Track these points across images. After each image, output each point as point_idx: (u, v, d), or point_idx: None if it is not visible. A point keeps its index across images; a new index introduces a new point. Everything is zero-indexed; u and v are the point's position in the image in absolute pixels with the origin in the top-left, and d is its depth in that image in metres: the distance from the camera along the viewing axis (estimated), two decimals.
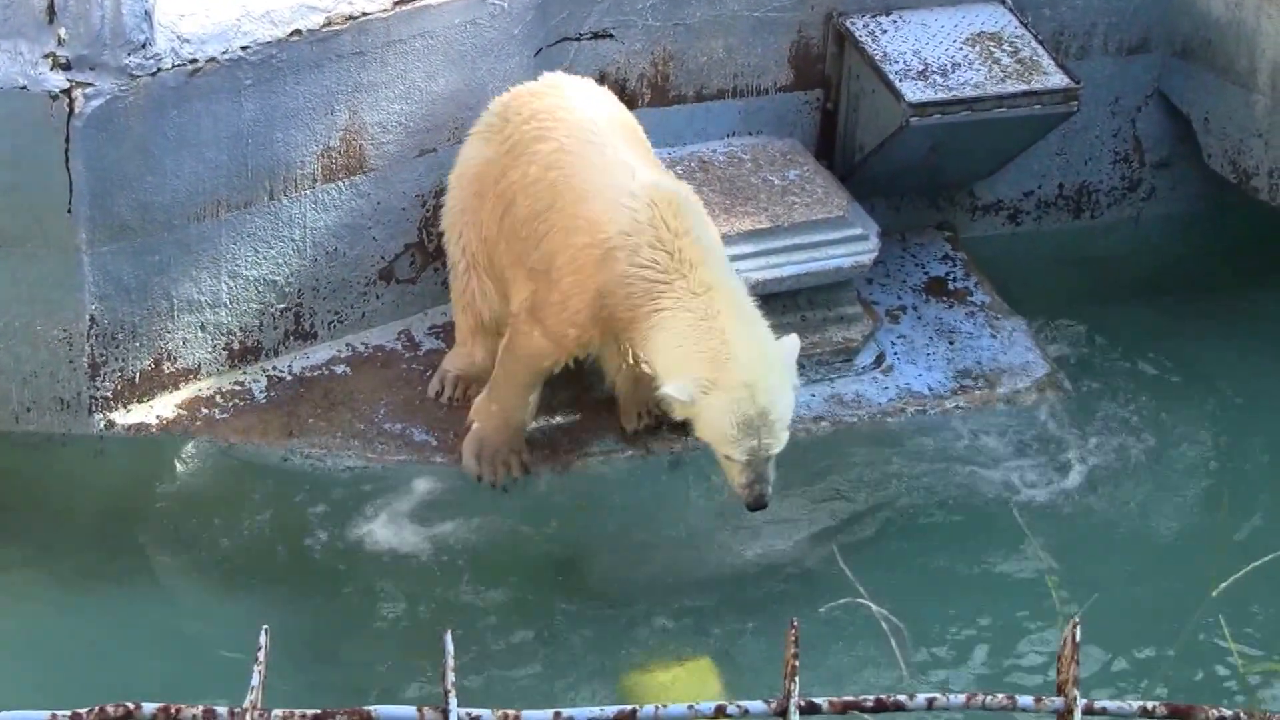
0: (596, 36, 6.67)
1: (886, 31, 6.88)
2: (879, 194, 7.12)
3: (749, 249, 6.42)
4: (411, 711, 2.74)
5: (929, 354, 6.78)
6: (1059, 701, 2.96)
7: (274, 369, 6.40)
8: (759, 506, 5.60)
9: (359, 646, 5.63)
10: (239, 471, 6.11)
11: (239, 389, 6.32)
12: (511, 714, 2.81)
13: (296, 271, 6.33)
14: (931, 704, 2.94)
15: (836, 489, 6.25)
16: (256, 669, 2.77)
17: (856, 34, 6.86)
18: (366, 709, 2.75)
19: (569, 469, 6.17)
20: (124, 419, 6.16)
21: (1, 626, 5.59)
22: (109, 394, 6.12)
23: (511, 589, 5.83)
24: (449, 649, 2.77)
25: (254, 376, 6.36)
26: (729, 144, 6.89)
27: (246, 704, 2.73)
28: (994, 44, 6.87)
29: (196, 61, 5.86)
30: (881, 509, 6.19)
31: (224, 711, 2.72)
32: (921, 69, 6.74)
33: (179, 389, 6.25)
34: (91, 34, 5.69)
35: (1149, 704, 2.92)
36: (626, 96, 6.71)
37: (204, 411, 6.23)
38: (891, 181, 7.11)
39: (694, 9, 6.76)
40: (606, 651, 5.63)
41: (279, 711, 2.76)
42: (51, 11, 5.68)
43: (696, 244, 5.63)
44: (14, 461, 6.09)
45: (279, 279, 6.31)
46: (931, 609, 5.82)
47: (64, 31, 5.69)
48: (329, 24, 6.08)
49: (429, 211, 6.45)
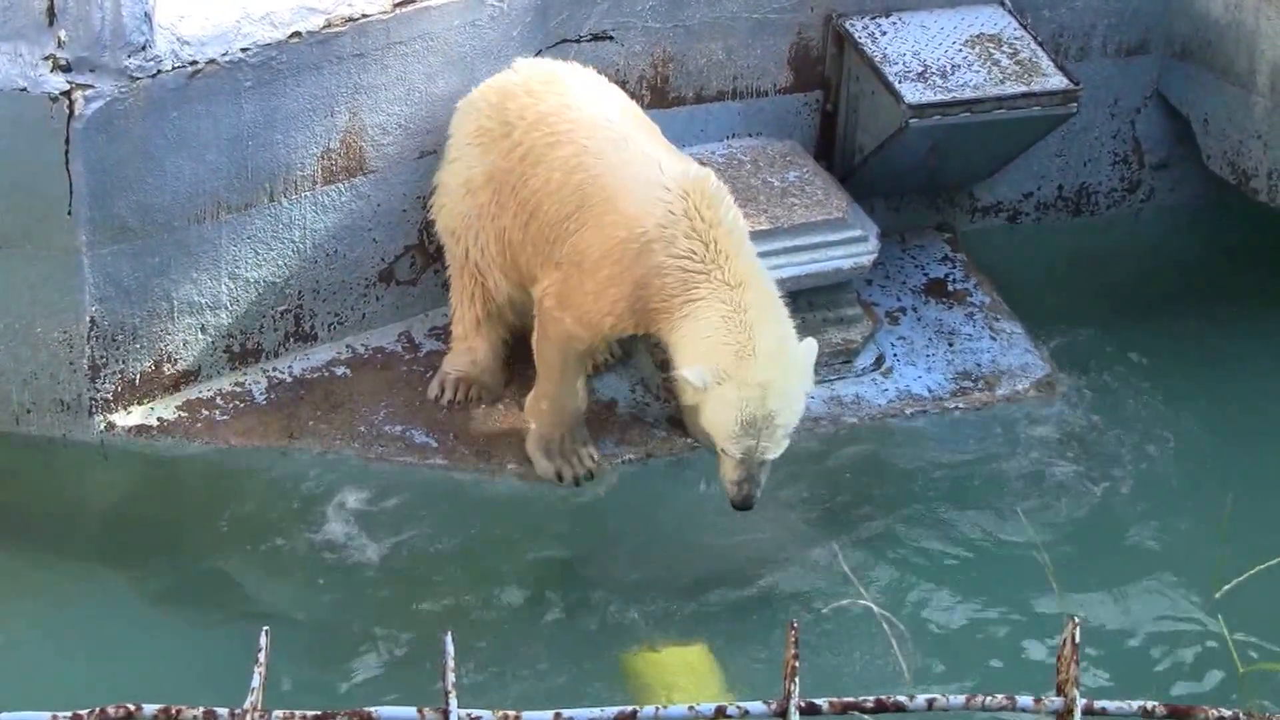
0: (596, 38, 6.67)
1: (886, 33, 6.88)
2: (878, 195, 7.12)
3: None
4: (412, 712, 2.74)
5: (929, 355, 6.78)
6: (1059, 701, 2.96)
7: (274, 371, 6.41)
8: (745, 506, 5.62)
9: (360, 647, 5.63)
10: (239, 473, 6.11)
11: (239, 391, 6.32)
12: (512, 715, 2.81)
13: (296, 273, 6.34)
14: (931, 705, 2.94)
15: (837, 490, 6.25)
16: (257, 670, 2.77)
17: (856, 35, 6.86)
18: (367, 710, 2.75)
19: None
20: (124, 421, 6.16)
21: (2, 628, 5.58)
22: (109, 396, 6.12)
23: (512, 590, 5.83)
24: (449, 649, 2.77)
25: (254, 378, 6.37)
26: (729, 146, 6.89)
27: (247, 705, 2.73)
28: (993, 45, 6.88)
29: (196, 63, 5.87)
30: (882, 510, 6.19)
31: (224, 713, 2.72)
32: (921, 70, 6.74)
33: (179, 391, 6.26)
34: (91, 36, 5.70)
35: (1149, 704, 2.93)
36: None
37: (204, 413, 6.24)
38: (891, 183, 7.11)
39: (694, 11, 6.76)
40: (607, 652, 5.63)
41: (279, 712, 2.76)
42: (51, 14, 5.68)
43: (730, 234, 5.68)
44: (14, 463, 6.09)
45: (279, 281, 6.31)
46: (932, 609, 5.82)
47: (64, 33, 5.69)
48: (329, 26, 6.08)
49: (429, 213, 6.45)
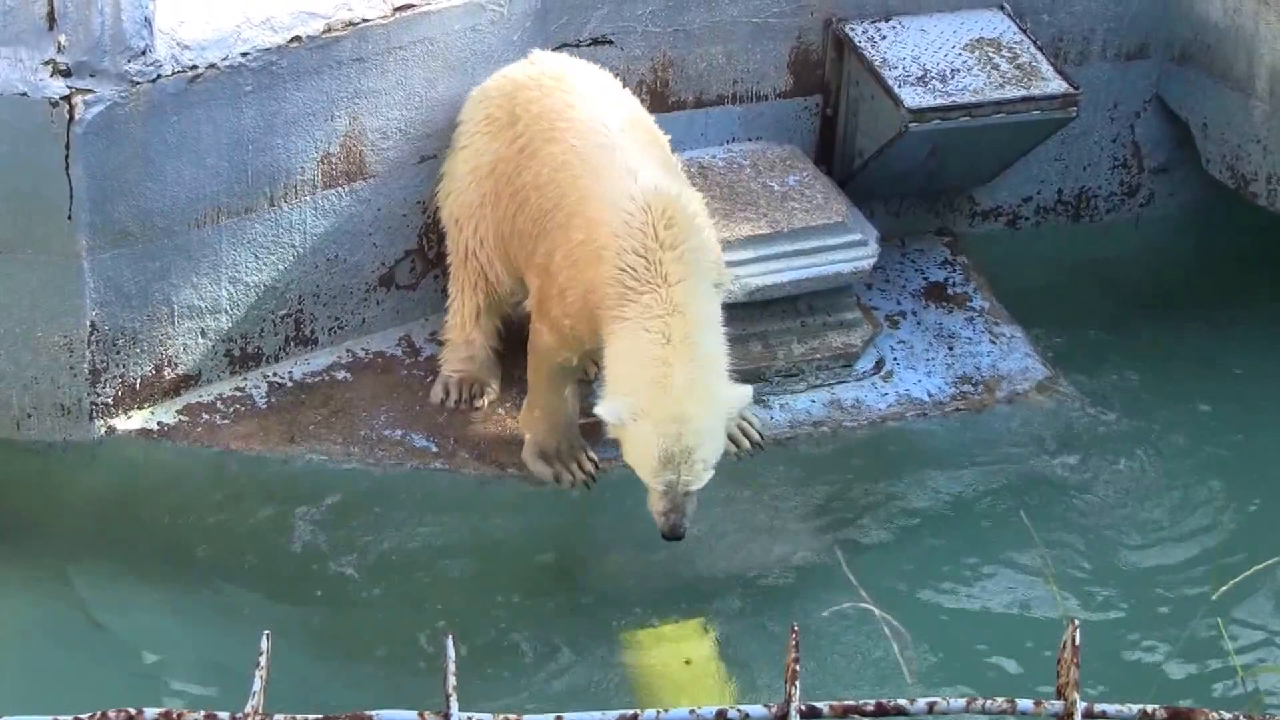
0: (596, 43, 6.68)
1: (886, 37, 6.89)
2: (878, 199, 7.12)
3: (749, 254, 6.43)
4: (413, 715, 2.74)
5: (928, 359, 6.79)
6: (1059, 705, 2.96)
7: (274, 375, 6.41)
8: (674, 537, 5.58)
9: (361, 651, 5.63)
10: (239, 477, 6.11)
11: (240, 395, 6.32)
12: (512, 718, 2.82)
13: (297, 277, 6.34)
14: (932, 708, 2.94)
15: (837, 494, 6.25)
16: (258, 674, 2.77)
17: (856, 40, 6.86)
18: (368, 713, 2.75)
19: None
20: (125, 425, 6.16)
21: (2, 632, 5.59)
22: (110, 400, 6.12)
23: (512, 592, 5.83)
24: (450, 652, 2.77)
25: (255, 382, 6.37)
26: (728, 150, 6.90)
27: (248, 709, 2.73)
28: (993, 50, 6.88)
29: (197, 68, 5.87)
30: (882, 514, 6.19)
31: (225, 716, 2.72)
32: (921, 75, 6.74)
33: (179, 395, 6.26)
34: (92, 41, 5.70)
35: (1149, 707, 2.92)
36: None
37: (204, 417, 6.24)
38: (891, 187, 7.11)
39: (694, 15, 6.76)
40: (608, 655, 5.63)
41: (280, 716, 2.76)
42: (52, 18, 5.68)
43: (679, 260, 5.58)
44: (15, 468, 6.09)
45: (279, 285, 6.31)
46: (932, 612, 5.82)
47: (64, 38, 5.69)
48: (329, 30, 6.08)
49: (429, 218, 6.45)
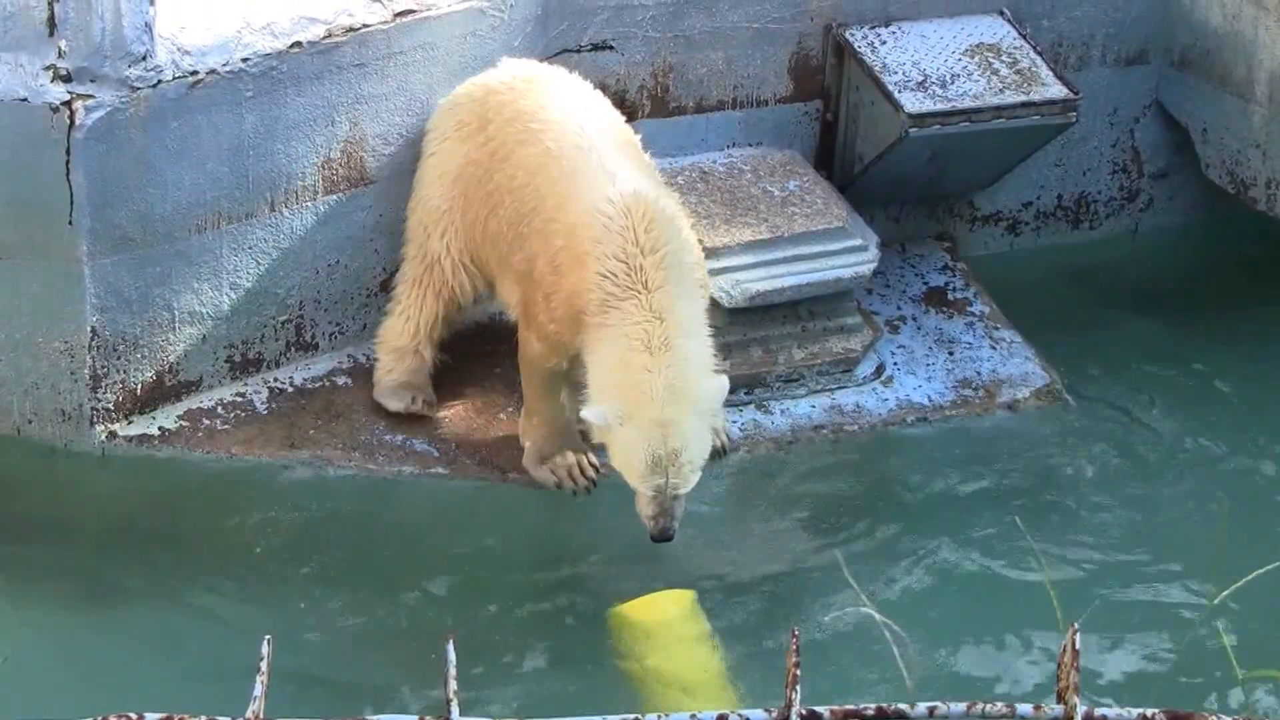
0: (596, 48, 6.68)
1: (886, 43, 6.89)
2: (878, 205, 7.13)
3: (749, 259, 6.44)
4: None
5: (929, 364, 6.79)
6: (1059, 709, 2.97)
7: (275, 380, 6.41)
8: (663, 539, 5.61)
9: (361, 655, 5.63)
10: (240, 483, 6.11)
11: (240, 400, 6.32)
12: None
13: (298, 283, 6.34)
14: (932, 713, 2.94)
15: (838, 498, 6.25)
16: (259, 679, 2.78)
17: (856, 45, 6.87)
18: (369, 718, 2.75)
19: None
20: (125, 430, 6.16)
21: (3, 637, 5.59)
22: (110, 405, 6.13)
23: (514, 597, 5.83)
24: (450, 657, 2.77)
25: (255, 388, 6.37)
26: (729, 155, 6.90)
27: (249, 714, 2.73)
28: (993, 55, 6.89)
29: (197, 73, 5.87)
30: (882, 518, 6.19)
31: None
32: (920, 80, 6.75)
33: (180, 400, 6.26)
34: (92, 46, 5.70)
35: (1148, 711, 2.93)
36: (627, 107, 6.72)
37: (205, 423, 6.24)
38: (891, 192, 7.12)
39: (694, 21, 6.77)
40: (609, 660, 5.63)
41: None
42: (52, 24, 5.69)
43: (660, 265, 5.59)
44: (15, 473, 6.09)
45: (280, 290, 6.31)
46: (932, 617, 5.82)
47: (65, 44, 5.70)
48: (329, 36, 6.09)
49: (406, 213, 6.42)
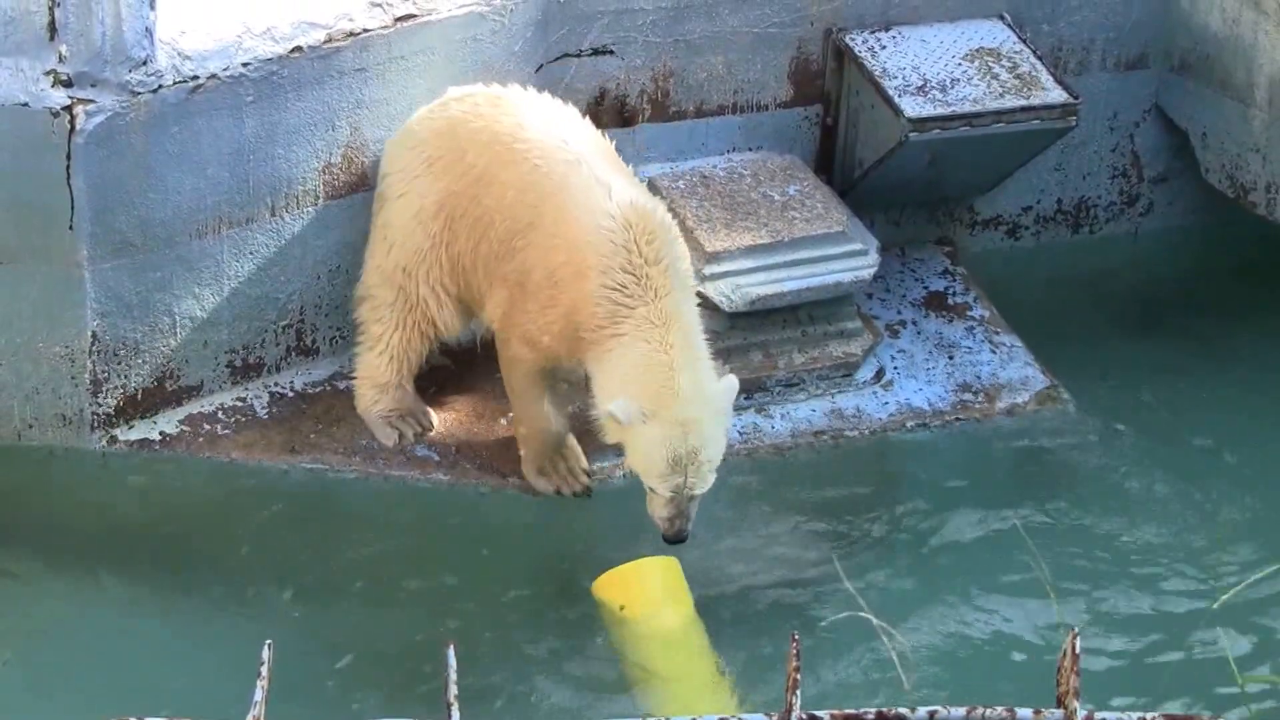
0: (597, 53, 6.69)
1: (886, 47, 6.90)
2: (878, 209, 7.13)
3: (749, 264, 6.44)
4: None
5: (929, 368, 6.79)
6: (1059, 713, 2.97)
7: (276, 385, 6.41)
8: (677, 540, 5.67)
9: (362, 660, 5.63)
10: (241, 487, 6.12)
11: (241, 405, 6.33)
12: None
13: (298, 288, 6.34)
14: (933, 717, 2.95)
15: (837, 502, 6.26)
16: (259, 684, 2.78)
17: (856, 50, 6.87)
18: None
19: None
20: (126, 435, 6.16)
21: (4, 641, 5.59)
22: (111, 410, 6.13)
23: (514, 602, 5.84)
24: (451, 662, 2.78)
25: (256, 393, 6.37)
26: (729, 159, 6.91)
27: (249, 718, 2.74)
28: (993, 60, 6.89)
29: (198, 78, 5.88)
30: (882, 522, 6.19)
31: None
32: (921, 84, 6.76)
33: (181, 405, 6.26)
34: (93, 51, 5.71)
35: (1149, 715, 2.94)
36: (627, 112, 6.74)
37: (206, 428, 6.25)
38: (891, 196, 7.12)
39: (694, 25, 6.78)
40: (610, 664, 5.63)
41: None
42: (53, 29, 5.69)
43: (665, 272, 5.67)
44: (16, 478, 6.10)
45: (281, 295, 6.32)
46: (932, 621, 5.82)
47: (65, 48, 5.70)
48: (330, 40, 6.09)
49: (370, 262, 6.37)
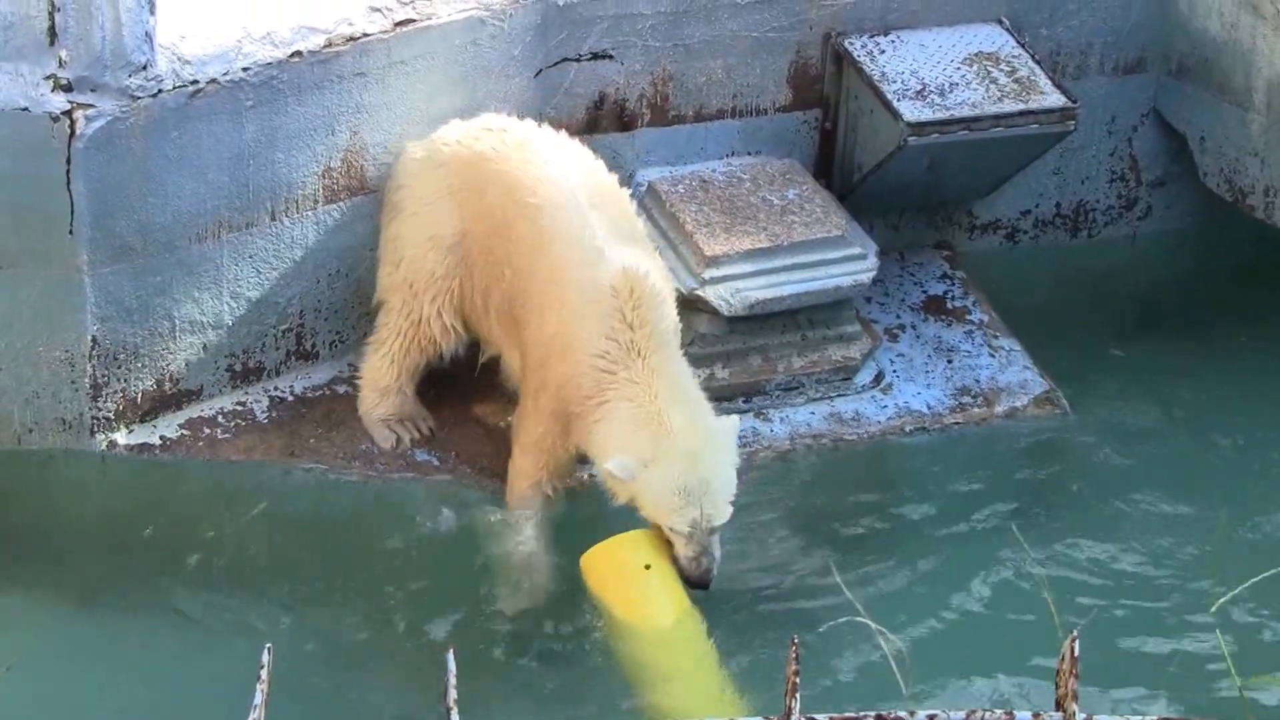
0: (596, 57, 6.70)
1: (885, 52, 6.90)
2: (877, 213, 7.14)
3: (749, 268, 6.45)
4: None
5: (928, 372, 6.80)
6: (1058, 717, 2.98)
7: (275, 389, 6.42)
8: (702, 585, 5.53)
9: (361, 664, 5.64)
10: (241, 491, 6.12)
11: (241, 409, 6.33)
12: None
13: (298, 292, 6.35)
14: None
15: (836, 506, 6.26)
16: (259, 687, 2.79)
17: (855, 54, 6.88)
18: None
19: (571, 488, 6.18)
20: (126, 439, 6.17)
21: (7, 646, 5.59)
22: (111, 414, 6.14)
23: (514, 607, 5.84)
24: (450, 667, 2.78)
25: (255, 396, 6.38)
26: (728, 163, 6.91)
27: None
28: (991, 64, 6.90)
29: (197, 83, 5.89)
30: (880, 526, 6.20)
31: None
32: (919, 89, 6.76)
33: (181, 409, 6.27)
34: (92, 56, 5.71)
35: (1147, 718, 2.94)
36: (626, 117, 6.75)
37: (206, 431, 6.25)
38: (890, 200, 7.13)
39: (693, 30, 6.78)
40: (609, 669, 5.64)
41: None
42: (53, 33, 5.70)
43: (650, 336, 5.61)
44: (16, 482, 6.10)
45: (280, 299, 6.32)
46: (930, 625, 5.83)
47: (65, 53, 5.71)
48: (330, 45, 6.10)
49: (381, 266, 6.39)
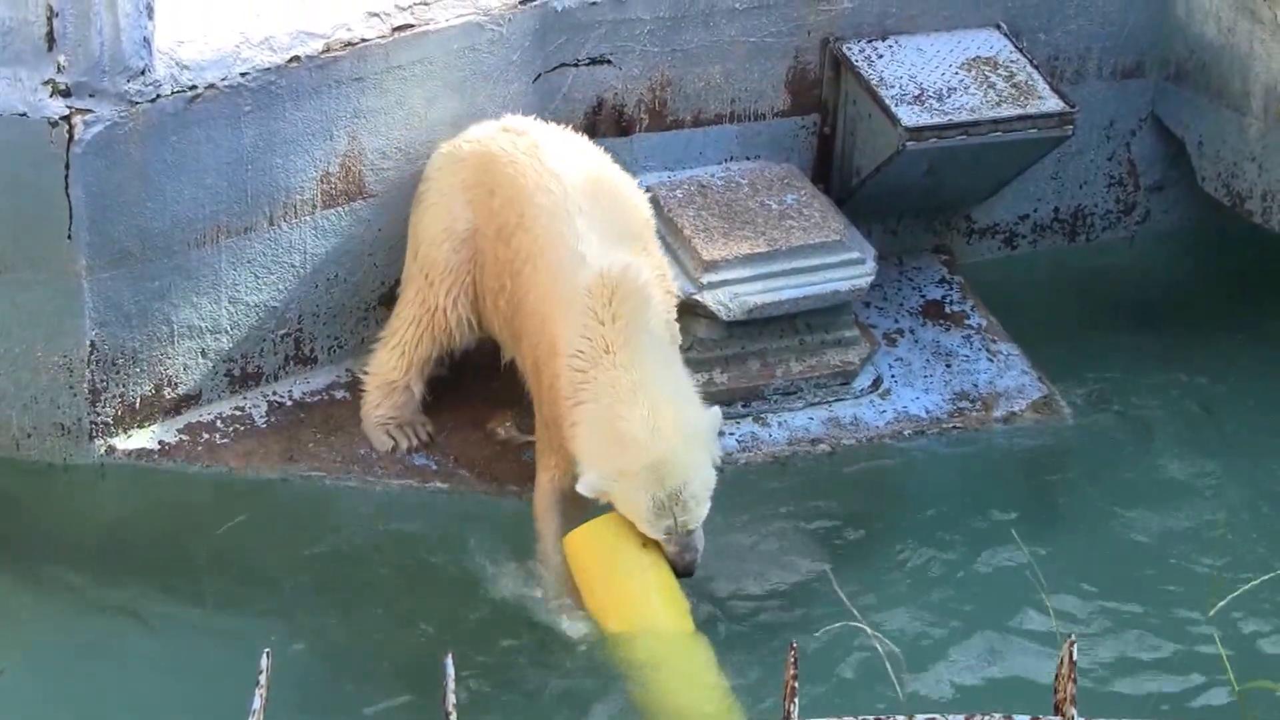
0: (594, 62, 6.70)
1: (883, 56, 6.91)
2: (876, 218, 7.14)
3: (747, 273, 6.45)
4: None
5: (926, 377, 6.80)
6: None
7: (274, 394, 6.42)
8: (687, 574, 5.60)
9: (360, 669, 5.63)
10: (239, 496, 6.12)
11: (239, 414, 6.34)
12: None
13: (296, 297, 6.35)
14: None
15: (834, 511, 6.26)
16: (258, 692, 2.79)
17: (853, 59, 6.89)
18: None
19: None
20: (125, 444, 6.17)
21: (2, 651, 5.59)
22: (109, 420, 6.14)
23: (511, 611, 5.84)
24: (449, 671, 2.78)
25: (254, 401, 6.38)
26: (727, 168, 6.92)
27: None
28: (989, 69, 6.90)
29: (196, 88, 5.89)
30: (878, 531, 6.20)
31: None
32: (917, 93, 6.77)
33: (179, 414, 6.27)
34: (91, 61, 5.72)
35: None
36: (624, 122, 6.75)
37: (205, 436, 6.25)
38: (888, 205, 7.13)
39: (691, 35, 6.79)
40: (607, 674, 5.63)
41: None
42: (51, 39, 5.70)
43: (625, 329, 5.56)
44: (14, 488, 6.10)
45: (279, 304, 6.33)
46: (928, 629, 5.82)
47: (64, 58, 5.71)
48: (328, 50, 6.10)
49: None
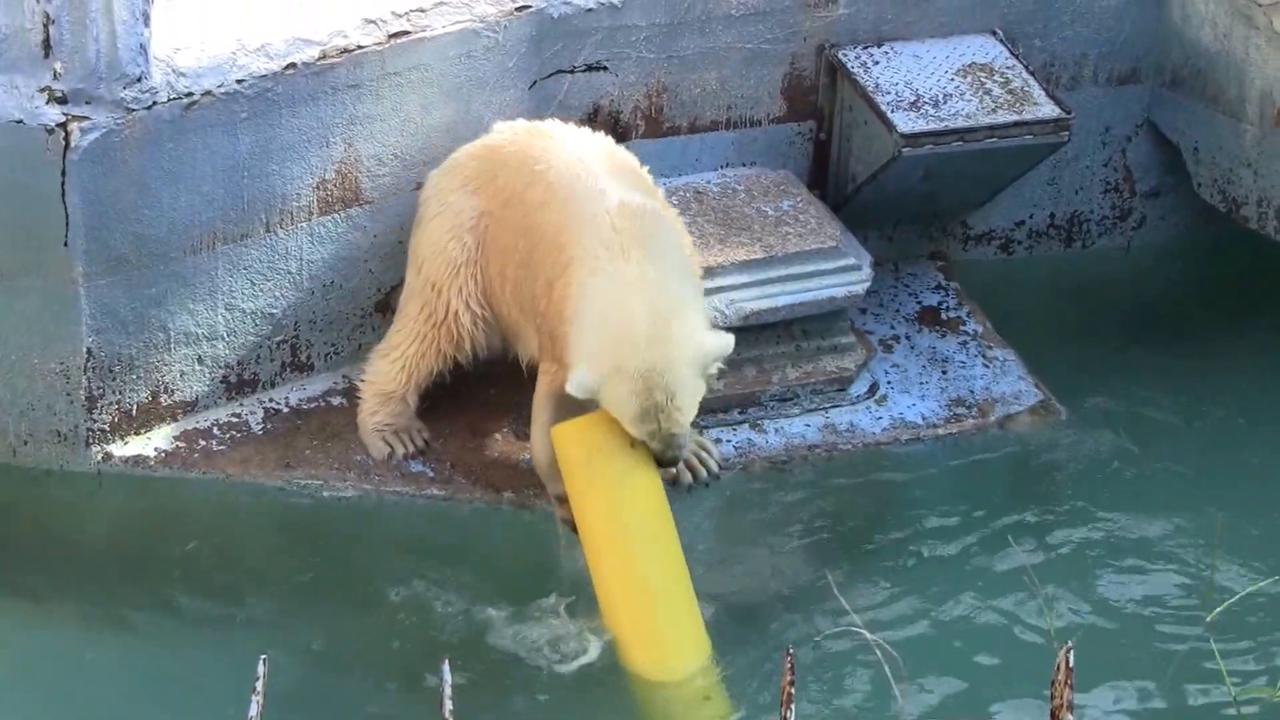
0: (591, 69, 6.70)
1: (879, 63, 6.91)
2: (872, 224, 7.14)
3: (743, 279, 6.46)
4: None
5: (922, 383, 6.80)
6: None
7: (271, 401, 6.42)
8: (669, 464, 5.67)
9: (357, 677, 5.63)
10: (236, 503, 6.12)
11: (236, 421, 6.34)
12: None
13: (293, 304, 6.35)
14: None
15: (830, 518, 6.26)
16: (255, 699, 2.79)
17: (849, 65, 6.89)
18: None
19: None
20: (121, 452, 6.17)
21: None
22: (106, 427, 6.14)
23: (511, 617, 5.84)
24: (447, 677, 2.78)
25: (251, 408, 6.38)
26: (723, 175, 6.92)
27: None
28: (985, 75, 6.91)
29: (192, 95, 5.89)
30: (875, 537, 6.20)
31: None
32: (913, 100, 6.77)
33: (176, 421, 6.27)
34: (87, 68, 5.72)
35: None
36: (620, 128, 6.75)
37: (201, 444, 6.25)
38: (884, 212, 7.14)
39: (687, 41, 6.79)
40: (605, 679, 5.63)
41: None
42: (47, 45, 5.71)
43: (638, 242, 5.61)
44: (11, 495, 6.10)
45: (275, 311, 6.33)
46: (926, 635, 5.83)
47: (60, 65, 5.71)
48: (324, 57, 6.11)
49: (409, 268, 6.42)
